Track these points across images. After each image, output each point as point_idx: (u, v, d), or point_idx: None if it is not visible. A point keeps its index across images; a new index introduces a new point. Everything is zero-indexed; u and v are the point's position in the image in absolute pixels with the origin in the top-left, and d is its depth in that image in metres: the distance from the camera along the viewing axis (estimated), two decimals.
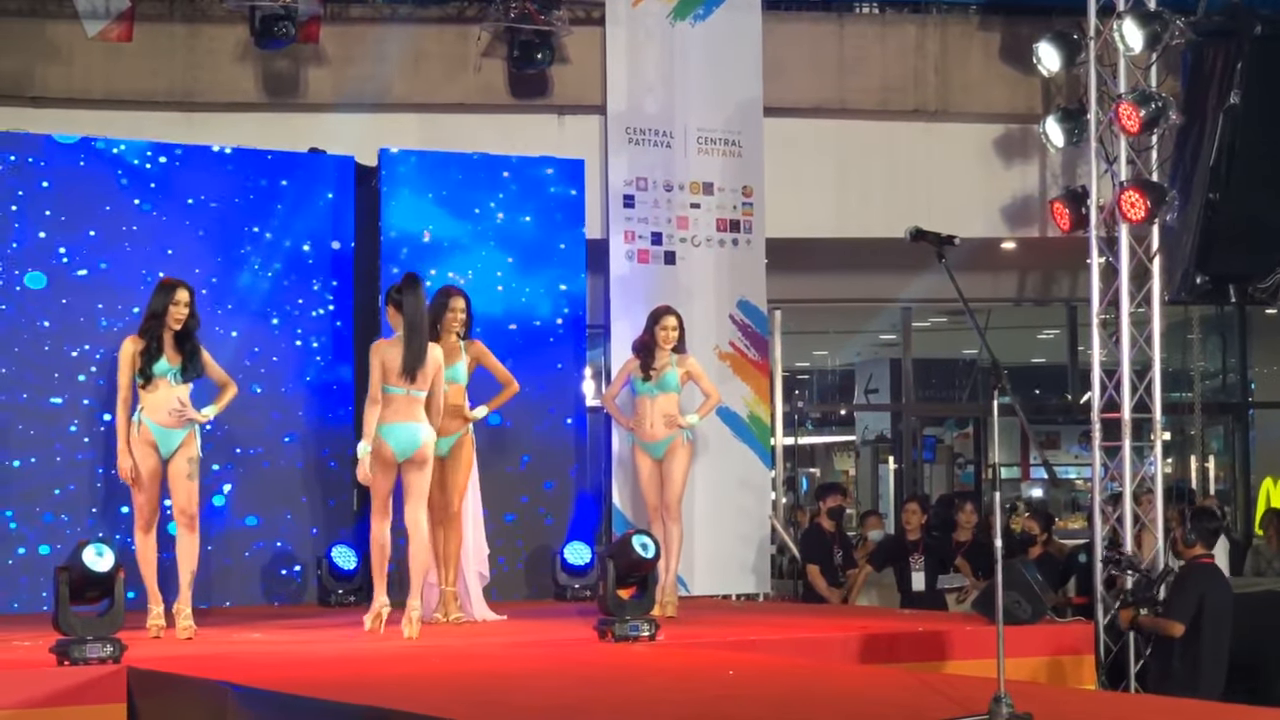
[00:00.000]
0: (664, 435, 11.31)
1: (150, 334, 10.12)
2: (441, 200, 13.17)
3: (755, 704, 7.38)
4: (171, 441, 10.07)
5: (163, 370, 10.05)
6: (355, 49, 14.17)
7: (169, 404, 10.06)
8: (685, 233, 14.10)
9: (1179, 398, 15.88)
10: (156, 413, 10.05)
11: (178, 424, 10.08)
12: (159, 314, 10.12)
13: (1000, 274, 16.94)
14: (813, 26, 15.08)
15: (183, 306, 10.13)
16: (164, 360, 10.06)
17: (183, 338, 10.18)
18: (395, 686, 7.86)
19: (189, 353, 10.18)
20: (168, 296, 10.12)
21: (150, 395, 10.06)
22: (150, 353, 10.05)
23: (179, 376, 10.10)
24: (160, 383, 10.05)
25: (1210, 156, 13.35)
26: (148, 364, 10.03)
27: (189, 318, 10.18)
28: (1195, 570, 11.27)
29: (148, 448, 10.03)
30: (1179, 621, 11.02)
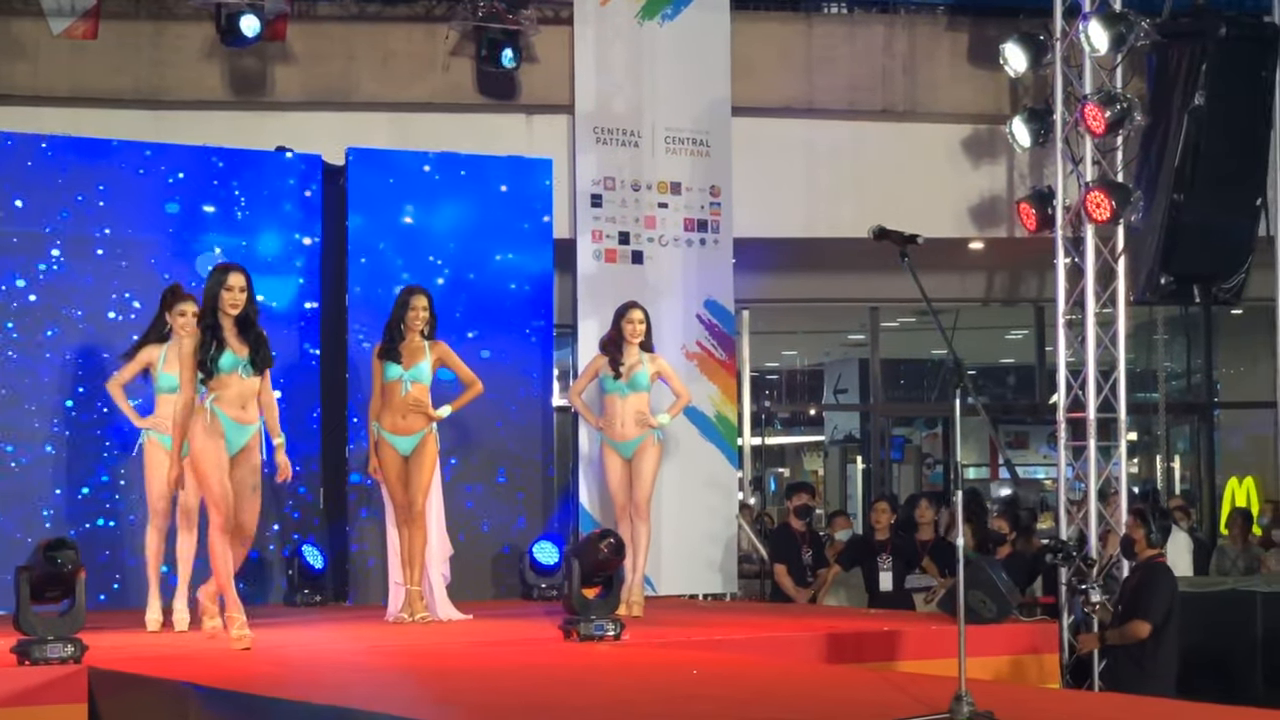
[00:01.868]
0: (635, 435, 11.29)
1: (207, 325, 9.37)
2: (409, 199, 13.15)
3: (720, 703, 7.37)
4: (240, 438, 9.36)
5: (231, 364, 9.30)
6: (323, 47, 14.15)
7: (240, 399, 9.35)
8: (653, 232, 14.11)
9: (1145, 398, 15.94)
10: (229, 406, 9.31)
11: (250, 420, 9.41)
12: (212, 302, 9.41)
13: (968, 274, 16.97)
14: (781, 26, 15.11)
15: (238, 291, 9.36)
16: (229, 353, 9.31)
17: (245, 325, 9.42)
18: (360, 686, 7.83)
19: (255, 341, 9.43)
20: (219, 282, 9.40)
21: (223, 388, 9.30)
22: (209, 345, 9.29)
23: (249, 369, 9.36)
24: (230, 378, 9.30)
25: (1175, 157, 13.38)
26: (212, 359, 9.27)
27: (248, 303, 9.43)
28: (1161, 571, 11.29)
29: (217, 440, 9.26)
30: (1151, 622, 10.96)
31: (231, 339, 9.34)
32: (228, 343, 9.32)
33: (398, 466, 10.95)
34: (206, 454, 9.23)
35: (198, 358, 9.24)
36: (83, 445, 12.13)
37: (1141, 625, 10.97)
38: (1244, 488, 19.11)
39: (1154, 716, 7.62)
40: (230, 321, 9.36)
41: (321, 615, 11.77)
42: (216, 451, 9.23)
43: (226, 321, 9.35)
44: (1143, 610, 11.01)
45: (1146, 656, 11.01)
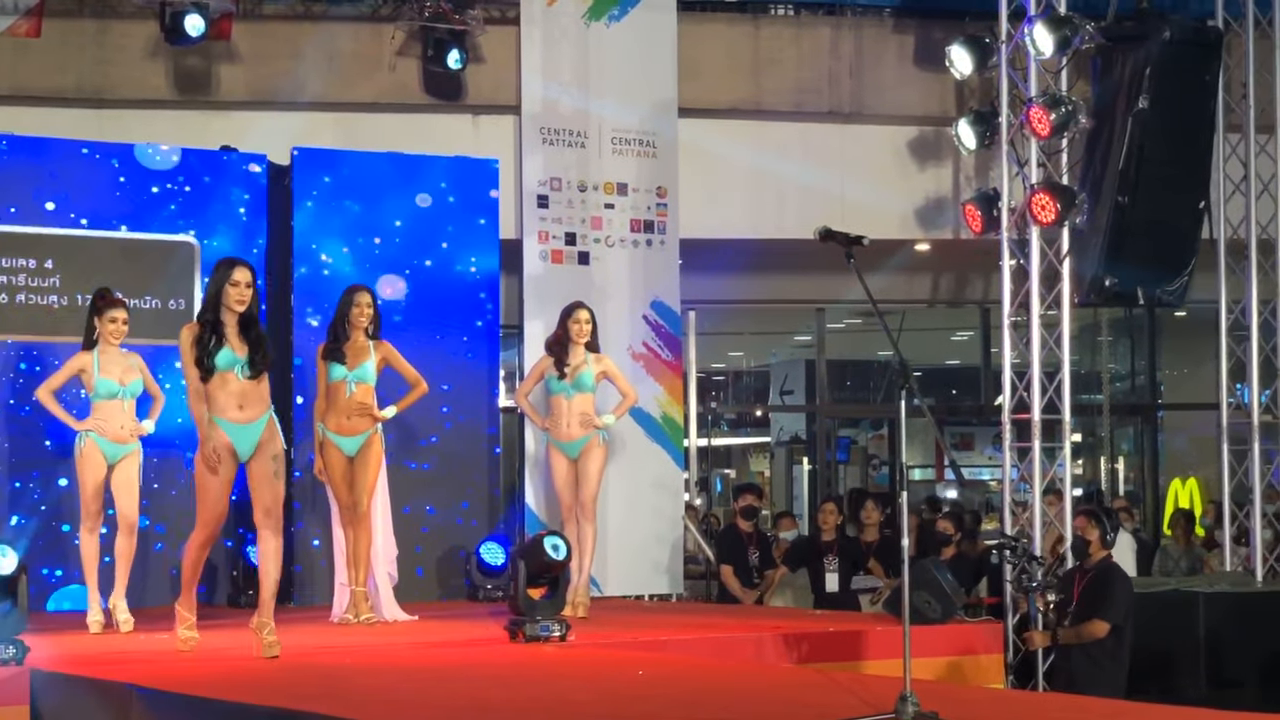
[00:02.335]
0: (580, 435, 11.28)
1: (208, 320, 8.91)
2: (355, 199, 13.11)
3: (665, 704, 7.38)
4: (249, 439, 8.95)
5: (228, 362, 8.84)
6: (268, 47, 14.10)
7: (239, 399, 8.88)
8: (599, 233, 14.10)
9: (1089, 399, 16.02)
10: (227, 409, 8.88)
11: (253, 418, 8.93)
12: (216, 297, 8.92)
13: (914, 275, 17.01)
14: (728, 28, 15.14)
15: (243, 287, 8.88)
16: (228, 350, 8.84)
17: (247, 324, 8.95)
18: (304, 687, 7.82)
19: (255, 341, 8.95)
20: (224, 276, 8.92)
21: (219, 391, 8.86)
22: (208, 342, 8.83)
23: (246, 369, 8.88)
24: (227, 376, 8.85)
25: (1119, 160, 13.44)
26: (209, 355, 8.81)
27: (253, 300, 8.97)
28: (1118, 571, 11.36)
29: (224, 452, 8.88)
30: (1110, 622, 10.97)
31: (232, 337, 8.91)
32: (227, 340, 8.89)
33: (343, 467, 10.92)
34: (209, 467, 8.88)
35: (195, 354, 8.84)
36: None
37: (1100, 625, 10.96)
38: (1187, 489, 19.22)
39: (1098, 716, 7.65)
40: (234, 318, 8.91)
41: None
42: (223, 473, 8.88)
43: (230, 318, 8.90)
44: (1101, 610, 11.01)
45: (1105, 656, 10.99)
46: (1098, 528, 11.24)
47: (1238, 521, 14.28)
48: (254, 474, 8.97)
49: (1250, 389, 14.23)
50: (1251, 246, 14.22)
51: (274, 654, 8.84)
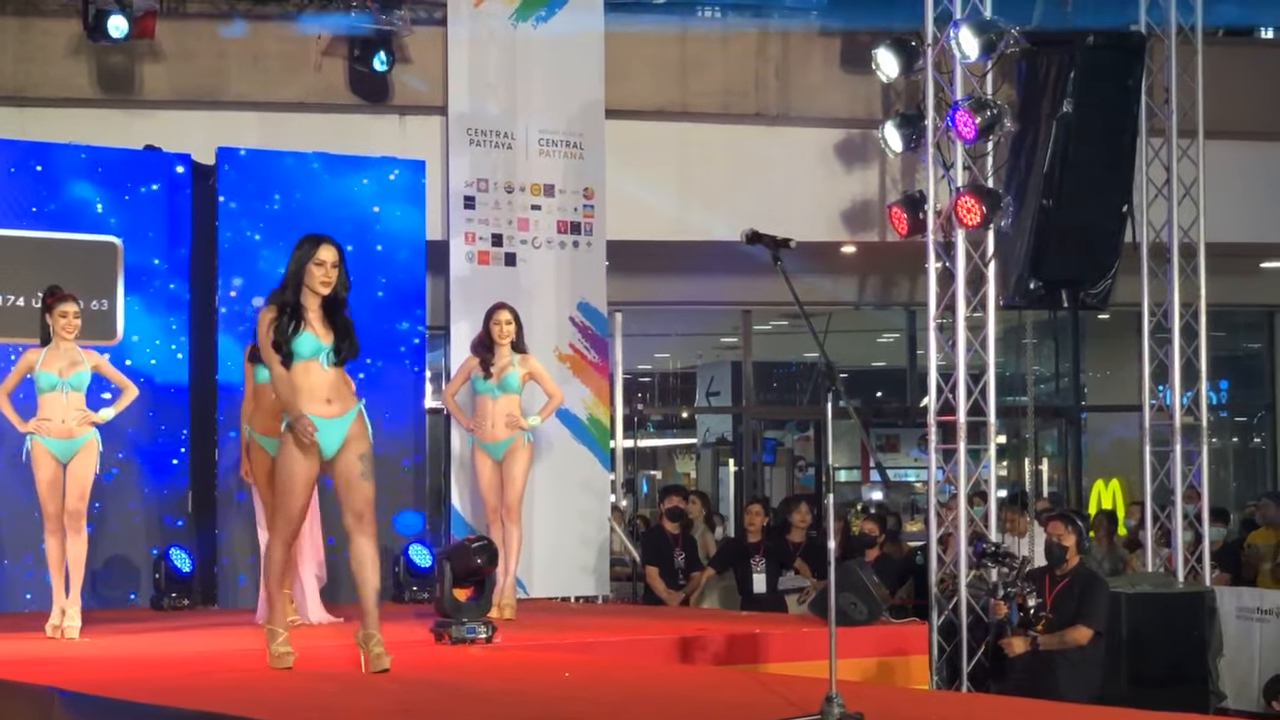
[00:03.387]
0: (505, 436, 11.27)
1: (287, 302, 8.15)
2: (281, 200, 13.04)
3: (592, 706, 7.39)
4: (335, 436, 8.22)
5: (311, 349, 8.10)
6: (192, 45, 14.00)
7: (324, 391, 8.16)
8: (526, 234, 14.07)
9: (1014, 401, 16.10)
10: (312, 402, 8.13)
11: (340, 412, 8.21)
12: (296, 276, 8.15)
13: (840, 277, 17.06)
14: (655, 30, 15.13)
15: (329, 267, 8.11)
16: (310, 336, 8.11)
17: (332, 307, 8.19)
18: (228, 690, 7.77)
19: (342, 327, 8.20)
20: (308, 254, 8.15)
21: (303, 381, 8.13)
22: (286, 326, 8.09)
23: (331, 357, 8.15)
24: (310, 366, 8.13)
25: (1044, 163, 13.53)
26: (287, 340, 8.08)
27: (338, 282, 8.19)
28: (1097, 576, 11.39)
29: (309, 453, 8.17)
30: (1094, 628, 10.95)
31: (315, 322, 8.13)
32: (309, 325, 8.11)
33: (269, 469, 10.83)
34: (291, 469, 8.16)
35: (272, 339, 8.08)
36: None
37: (1084, 631, 10.94)
38: (1110, 490, 19.35)
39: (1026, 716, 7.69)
40: (316, 301, 8.13)
41: (189, 619, 11.63)
42: (300, 461, 8.14)
43: (312, 301, 8.12)
44: (1085, 616, 10.98)
45: (1085, 661, 10.98)
46: (1075, 533, 11.21)
47: (1159, 522, 14.38)
48: (340, 474, 8.24)
49: (1172, 391, 14.35)
50: (1173, 250, 14.34)
51: (383, 667, 8.16)
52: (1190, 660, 13.18)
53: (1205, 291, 14.35)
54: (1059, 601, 11.10)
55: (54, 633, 10.16)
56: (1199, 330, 14.34)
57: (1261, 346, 19.98)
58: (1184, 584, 13.98)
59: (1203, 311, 14.35)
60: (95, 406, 10.51)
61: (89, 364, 10.40)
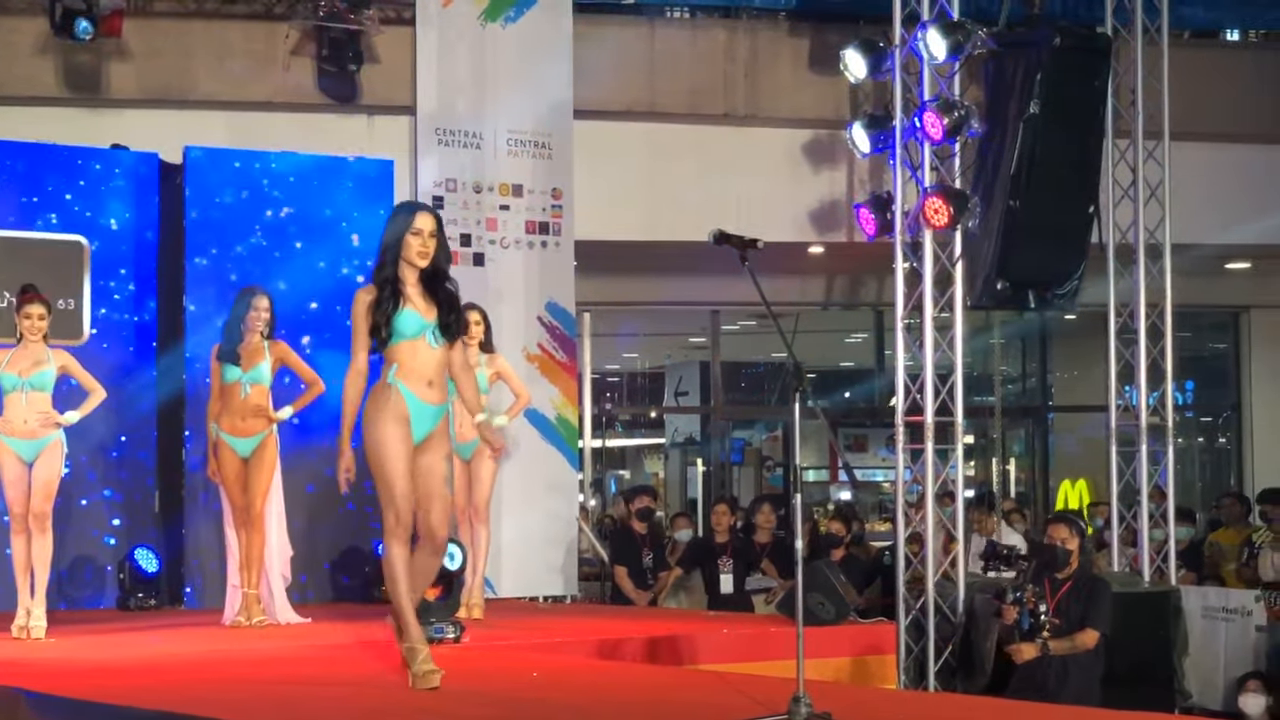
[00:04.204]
0: (473, 437, 11.19)
1: (387, 278, 7.56)
2: (249, 199, 12.98)
3: (560, 706, 7.39)
4: (428, 424, 7.57)
5: (415, 327, 7.51)
6: (160, 44, 13.96)
7: (428, 372, 7.54)
8: (494, 234, 14.07)
9: (981, 401, 16.16)
10: (414, 381, 7.54)
11: (440, 399, 7.61)
12: (394, 248, 7.57)
13: (808, 278, 17.08)
14: (623, 30, 15.16)
15: (427, 237, 7.54)
16: (412, 313, 7.52)
17: (434, 280, 7.61)
18: (196, 692, 7.73)
19: (447, 300, 7.63)
20: (404, 224, 7.58)
21: (408, 358, 7.53)
22: (387, 304, 7.49)
23: (438, 334, 7.58)
24: (417, 345, 7.53)
25: (1011, 164, 13.56)
26: (388, 320, 7.49)
27: (438, 252, 7.62)
28: (1102, 579, 11.26)
29: (400, 425, 7.49)
30: (1101, 631, 10.81)
31: (415, 297, 7.54)
32: (410, 300, 7.53)
33: (236, 469, 10.87)
34: (386, 443, 7.45)
35: (371, 319, 7.50)
36: None
37: (1092, 634, 10.80)
38: (1077, 490, 19.42)
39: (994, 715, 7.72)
40: (414, 275, 7.57)
41: (156, 619, 11.58)
42: (399, 440, 7.45)
43: (410, 274, 7.56)
44: (1092, 619, 10.84)
45: (1091, 663, 10.86)
46: (1078, 535, 11.03)
47: (1125, 522, 14.42)
48: (420, 473, 7.57)
49: (1138, 391, 14.39)
50: (1139, 251, 14.39)
51: (433, 685, 7.50)
52: (1156, 659, 13.21)
53: (1171, 292, 14.39)
54: (1063, 605, 10.88)
55: (20, 633, 10.13)
56: (1165, 331, 14.38)
57: (1227, 347, 20.07)
58: (1150, 583, 14.02)
59: (1168, 312, 14.39)
60: (64, 407, 10.49)
61: (56, 364, 10.36)
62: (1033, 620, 10.84)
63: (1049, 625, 10.79)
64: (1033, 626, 10.81)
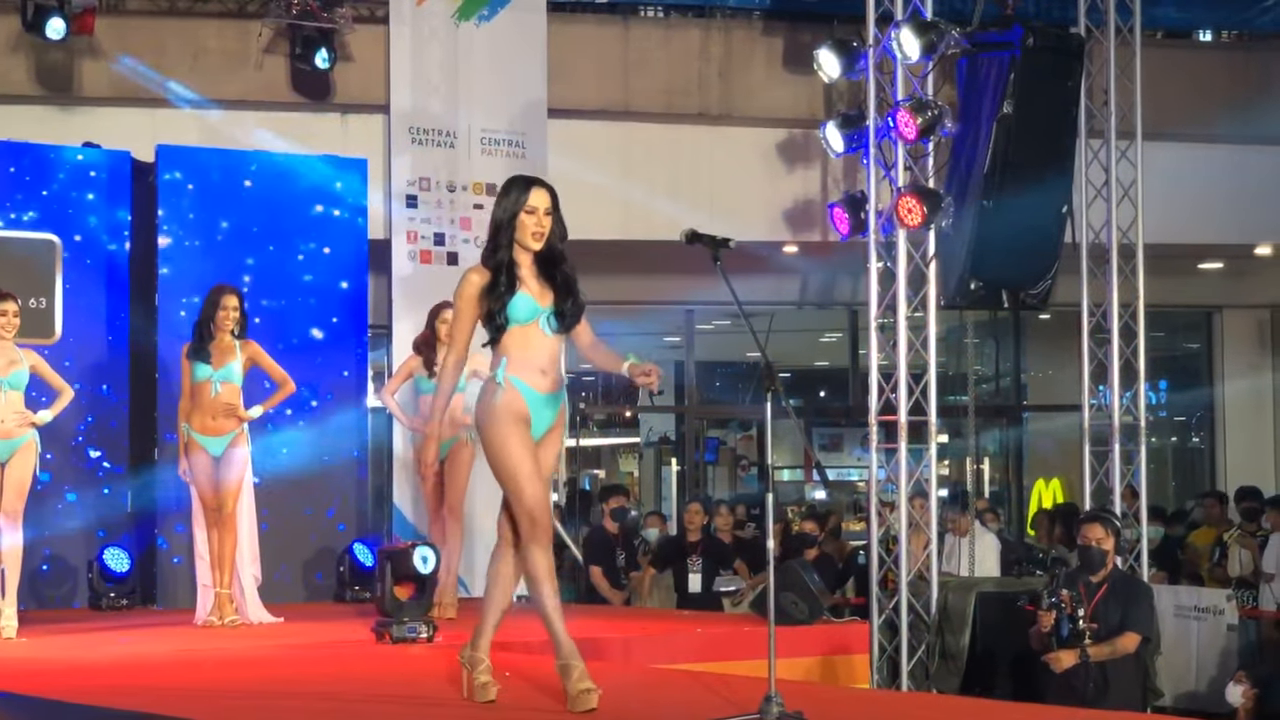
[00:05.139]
0: (448, 435, 11.22)
1: (502, 261, 6.90)
2: (221, 198, 12.98)
3: (532, 706, 7.36)
4: (547, 416, 6.97)
5: (529, 311, 6.86)
6: (132, 42, 13.91)
7: (541, 360, 6.90)
8: (468, 233, 14.05)
9: (955, 400, 16.14)
10: (527, 372, 6.87)
11: (555, 386, 6.98)
12: (508, 226, 6.92)
13: (783, 277, 17.08)
14: (597, 29, 15.15)
15: (542, 215, 6.92)
16: (526, 297, 6.87)
17: (550, 262, 6.99)
18: (167, 692, 7.71)
19: (563, 284, 6.98)
20: (518, 201, 6.94)
21: (519, 348, 6.87)
22: (500, 288, 6.84)
23: (553, 322, 6.93)
24: (529, 331, 6.88)
25: (984, 164, 13.57)
26: (503, 305, 6.83)
27: (555, 231, 7.02)
28: (1139, 580, 10.95)
29: (520, 426, 6.85)
30: (1143, 634, 10.25)
31: (530, 280, 6.92)
32: (524, 284, 6.90)
33: (207, 468, 10.83)
34: (508, 447, 6.82)
35: (483, 307, 6.86)
36: None
37: (1133, 638, 10.21)
38: (1050, 489, 19.44)
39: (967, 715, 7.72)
40: (529, 257, 6.94)
41: (128, 619, 11.56)
42: (521, 442, 6.83)
43: (524, 256, 6.92)
44: (1133, 622, 10.24)
45: (1135, 670, 10.37)
46: (1114, 535, 10.41)
47: None
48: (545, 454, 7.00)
49: (1111, 391, 14.41)
50: (1112, 251, 14.41)
51: (589, 706, 6.92)
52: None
53: (1144, 292, 14.42)
54: (1100, 609, 10.23)
55: None
56: (1138, 330, 14.40)
57: (1200, 347, 20.12)
58: None
59: (1141, 312, 14.41)
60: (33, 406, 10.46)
61: (27, 363, 10.33)
62: (1071, 626, 10.13)
63: (1087, 631, 10.13)
64: (1071, 633, 10.12)
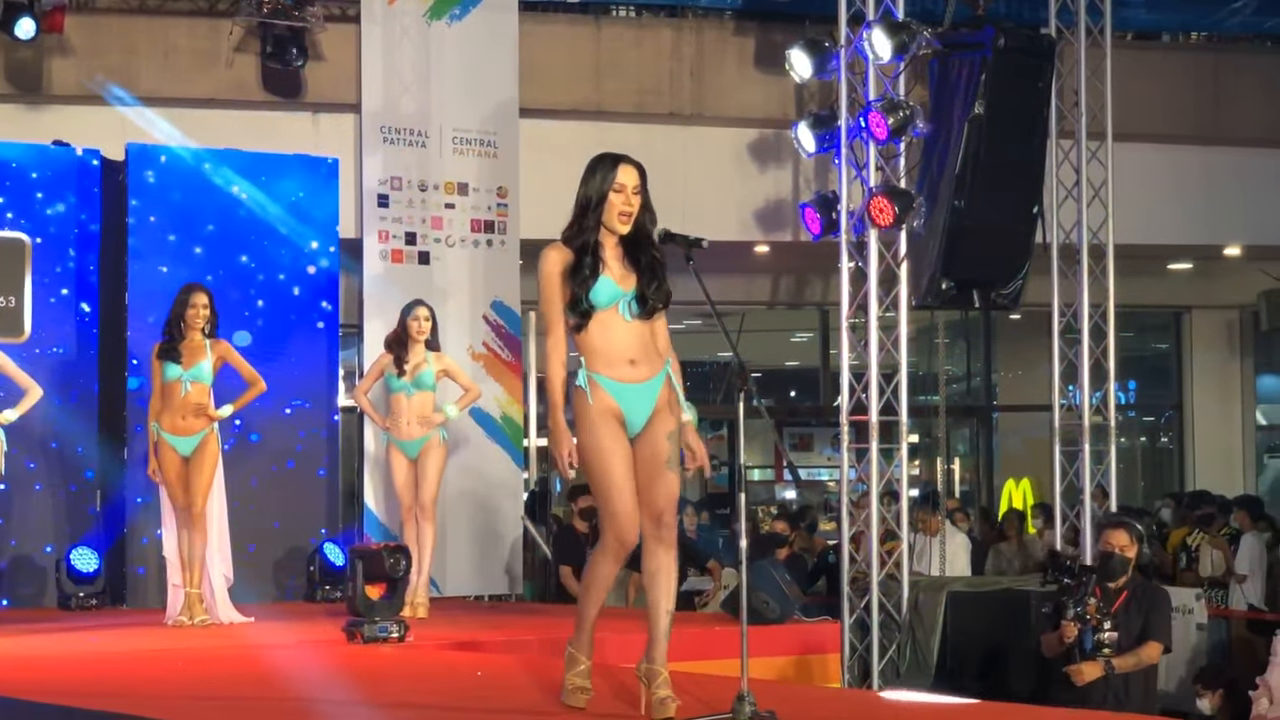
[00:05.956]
0: (420, 434, 11.25)
1: (589, 243, 6.53)
2: (192, 197, 12.91)
3: (505, 706, 7.37)
4: (643, 405, 6.54)
5: (609, 296, 6.50)
6: (102, 40, 13.85)
7: (627, 349, 6.53)
8: (440, 233, 14.01)
9: (925, 400, 16.15)
10: (613, 365, 6.53)
11: (650, 374, 6.58)
12: (596, 206, 6.57)
13: (754, 277, 17.08)
14: (569, 28, 15.13)
15: (630, 194, 6.56)
16: (608, 280, 6.50)
17: (635, 245, 6.60)
18: (136, 691, 7.69)
19: (649, 268, 6.58)
20: (606, 179, 6.59)
21: (599, 339, 6.52)
22: (584, 269, 6.48)
23: (635, 306, 6.55)
24: (610, 318, 6.52)
25: (956, 164, 13.56)
26: (587, 290, 6.48)
27: (642, 212, 6.62)
28: (1157, 586, 10.63)
29: (610, 423, 6.48)
30: (1164, 644, 9.85)
31: (613, 262, 6.55)
32: (607, 266, 6.53)
33: (177, 468, 10.81)
34: (598, 451, 6.47)
35: (570, 292, 6.49)
36: None
37: (1156, 648, 9.81)
38: (1020, 489, 19.47)
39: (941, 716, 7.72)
40: (614, 238, 6.58)
41: (97, 619, 11.51)
42: (613, 442, 6.45)
43: (608, 238, 6.57)
44: (1155, 631, 9.82)
45: (1152, 679, 9.98)
46: (1138, 542, 9.96)
47: (1069, 522, 14.46)
48: (641, 457, 6.52)
49: (1081, 391, 14.43)
50: (1083, 251, 14.41)
51: (668, 715, 6.63)
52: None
53: (1114, 292, 14.44)
54: (1120, 617, 9.76)
55: None
56: (1108, 331, 14.42)
57: (1169, 347, 20.18)
58: None
59: (1111, 312, 14.43)
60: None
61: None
62: (1095, 638, 9.66)
63: (1110, 642, 9.67)
64: (1096, 645, 9.65)
